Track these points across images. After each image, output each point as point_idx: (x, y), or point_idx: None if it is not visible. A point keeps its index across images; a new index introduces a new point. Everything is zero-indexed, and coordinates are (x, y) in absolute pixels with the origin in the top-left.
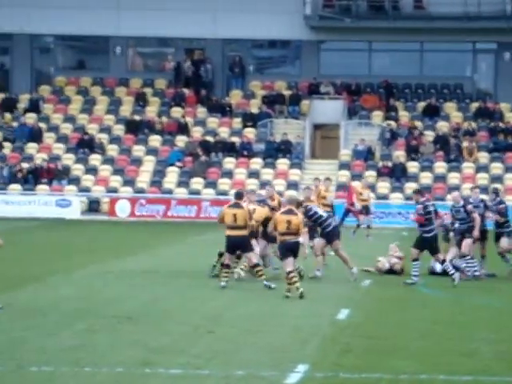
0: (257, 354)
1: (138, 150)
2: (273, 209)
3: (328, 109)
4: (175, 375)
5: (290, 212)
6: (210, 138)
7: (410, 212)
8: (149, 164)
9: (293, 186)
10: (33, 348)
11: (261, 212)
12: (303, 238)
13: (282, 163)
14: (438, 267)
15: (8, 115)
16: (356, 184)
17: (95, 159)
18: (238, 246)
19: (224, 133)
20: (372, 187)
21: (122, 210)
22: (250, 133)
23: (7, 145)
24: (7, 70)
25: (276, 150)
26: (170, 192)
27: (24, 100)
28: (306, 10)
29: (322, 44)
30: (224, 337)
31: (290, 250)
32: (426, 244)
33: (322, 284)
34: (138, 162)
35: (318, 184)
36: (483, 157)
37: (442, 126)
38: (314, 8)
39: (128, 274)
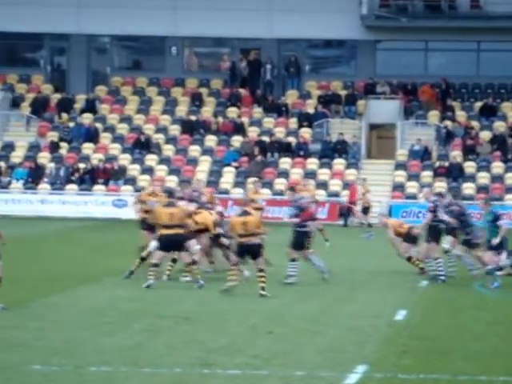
0: (315, 355)
1: (194, 150)
2: (221, 213)
3: (384, 109)
4: (234, 376)
5: (245, 213)
6: (265, 138)
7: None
8: (205, 164)
9: (349, 186)
10: (91, 348)
11: (206, 217)
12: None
13: (338, 163)
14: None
15: (65, 115)
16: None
17: (151, 159)
18: (173, 245)
19: (280, 133)
20: (428, 187)
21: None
22: (305, 133)
23: (64, 145)
24: (64, 71)
25: (332, 150)
26: (226, 192)
27: (80, 100)
28: (362, 9)
29: (378, 44)
30: (282, 337)
31: (248, 251)
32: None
33: (379, 285)
34: (193, 162)
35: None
36: None
37: (499, 126)
38: (371, 7)
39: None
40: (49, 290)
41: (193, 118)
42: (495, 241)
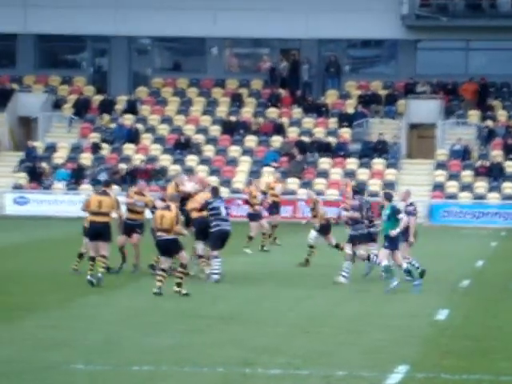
0: (356, 354)
1: (234, 151)
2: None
3: (424, 108)
4: (275, 375)
5: (166, 208)
6: (305, 138)
7: (509, 212)
8: (244, 164)
9: (389, 186)
10: (133, 347)
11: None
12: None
13: (378, 163)
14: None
15: (106, 116)
16: (268, 179)
17: (192, 160)
18: (99, 233)
19: (320, 133)
20: (469, 187)
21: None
22: (345, 133)
23: (105, 146)
24: (105, 72)
25: (372, 150)
26: (265, 193)
27: (122, 101)
28: (402, 9)
29: (419, 43)
30: (322, 337)
31: (163, 247)
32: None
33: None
34: (233, 162)
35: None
36: None
37: None
38: (411, 7)
39: (223, 274)
40: (89, 289)
41: (233, 118)
42: (394, 232)
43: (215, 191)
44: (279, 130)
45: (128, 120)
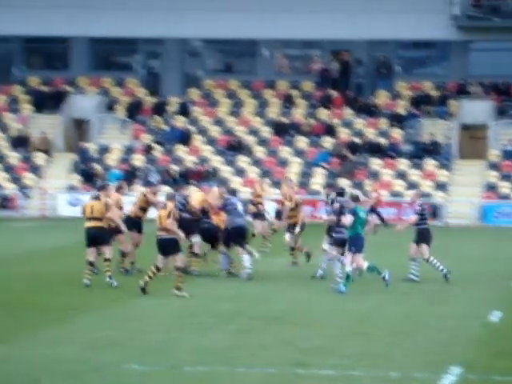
0: (408, 356)
1: (285, 152)
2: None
3: (476, 109)
4: (328, 376)
5: (163, 207)
6: (356, 139)
7: None
8: (295, 165)
9: (441, 186)
10: (187, 348)
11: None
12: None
13: (430, 164)
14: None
15: (158, 118)
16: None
17: (243, 161)
18: (94, 238)
19: (371, 134)
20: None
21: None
22: (397, 133)
23: (158, 147)
24: (158, 74)
25: (423, 151)
26: (316, 193)
27: (174, 103)
28: (454, 10)
29: (470, 44)
30: (374, 338)
31: (162, 246)
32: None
33: (469, 286)
34: (284, 163)
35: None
36: None
37: None
38: (463, 8)
39: (273, 274)
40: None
41: (284, 119)
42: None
43: (233, 192)
44: (330, 131)
45: (180, 122)
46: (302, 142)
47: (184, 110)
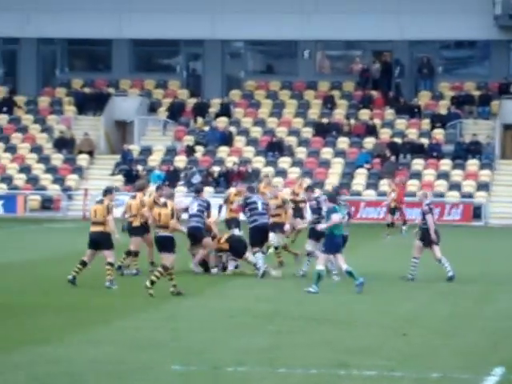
0: (451, 357)
1: (327, 153)
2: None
3: None
4: (369, 377)
5: (163, 205)
6: (398, 140)
7: None
8: (337, 166)
9: (483, 187)
10: (227, 349)
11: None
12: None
13: (472, 164)
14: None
15: (200, 120)
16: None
17: (284, 162)
18: (97, 242)
19: (412, 134)
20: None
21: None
22: (438, 134)
23: (199, 149)
24: (199, 76)
25: (465, 151)
26: (358, 194)
27: (215, 104)
28: (496, 9)
29: None
30: (416, 338)
31: (160, 243)
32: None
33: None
34: (326, 164)
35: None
36: None
37: None
38: (504, 7)
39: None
40: (187, 291)
41: (325, 120)
42: (321, 226)
43: (252, 189)
44: (371, 131)
45: (221, 123)
46: (343, 142)
47: (225, 111)
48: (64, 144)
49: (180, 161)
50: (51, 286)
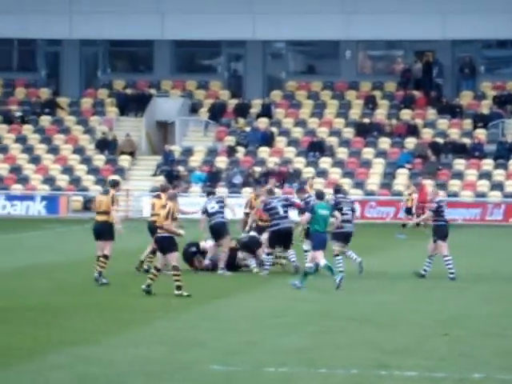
0: (493, 357)
1: (368, 153)
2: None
3: None
4: (410, 377)
5: (163, 206)
6: (439, 140)
7: None
8: (378, 166)
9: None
10: (268, 349)
11: None
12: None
13: None
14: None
15: (241, 120)
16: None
17: (325, 162)
18: (100, 232)
19: (454, 134)
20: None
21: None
22: (480, 134)
23: (240, 149)
24: (240, 76)
25: (508, 151)
26: (399, 194)
27: (256, 105)
28: None
29: None
30: (458, 339)
31: (158, 244)
32: None
33: None
34: (367, 164)
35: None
36: None
37: None
38: None
39: (357, 275)
40: (223, 291)
41: (366, 120)
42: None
43: (271, 192)
44: (413, 131)
45: (262, 123)
46: (384, 142)
47: (266, 112)
48: (106, 145)
49: (221, 161)
50: (92, 286)
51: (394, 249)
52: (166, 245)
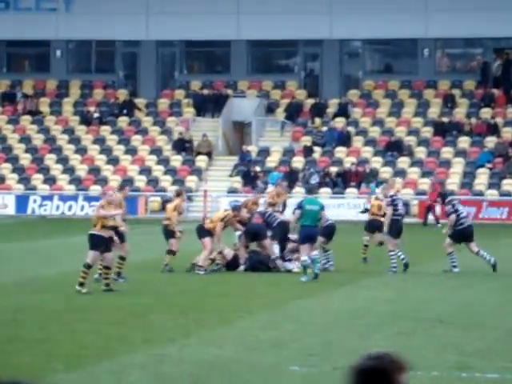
0: None
1: (447, 152)
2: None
3: None
4: (493, 379)
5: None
6: None
7: None
8: (458, 166)
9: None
10: (348, 350)
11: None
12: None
13: None
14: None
15: (318, 120)
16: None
17: (403, 162)
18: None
19: None
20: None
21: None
22: None
23: (317, 149)
24: (317, 76)
25: None
26: (480, 194)
27: (333, 105)
28: None
29: None
30: None
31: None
32: None
33: None
34: (446, 163)
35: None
36: None
37: None
38: None
39: (438, 276)
40: (306, 291)
41: (445, 119)
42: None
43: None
44: (493, 130)
45: (339, 123)
46: (463, 141)
47: (343, 111)
48: (183, 146)
49: (297, 161)
50: (172, 286)
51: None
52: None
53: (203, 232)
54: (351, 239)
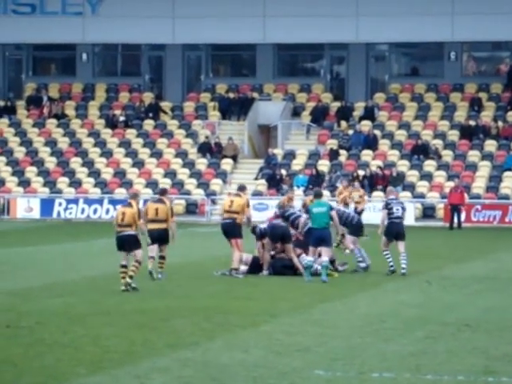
0: None
1: (473, 156)
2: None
3: None
4: None
5: (128, 205)
6: None
7: None
8: (484, 169)
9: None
10: (373, 354)
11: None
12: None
13: None
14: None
15: (344, 123)
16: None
17: (430, 165)
18: (158, 239)
19: None
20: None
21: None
22: None
23: (343, 152)
24: (343, 79)
25: None
26: (506, 198)
27: (359, 108)
28: None
29: None
30: None
31: (122, 242)
32: None
33: None
34: (473, 167)
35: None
36: None
37: None
38: None
39: (465, 280)
40: (332, 295)
41: (472, 123)
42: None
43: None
44: None
45: (365, 126)
46: (490, 145)
47: (369, 115)
48: (208, 149)
49: (323, 165)
50: (195, 289)
51: (504, 253)
52: (132, 243)
53: (235, 230)
54: (377, 243)
